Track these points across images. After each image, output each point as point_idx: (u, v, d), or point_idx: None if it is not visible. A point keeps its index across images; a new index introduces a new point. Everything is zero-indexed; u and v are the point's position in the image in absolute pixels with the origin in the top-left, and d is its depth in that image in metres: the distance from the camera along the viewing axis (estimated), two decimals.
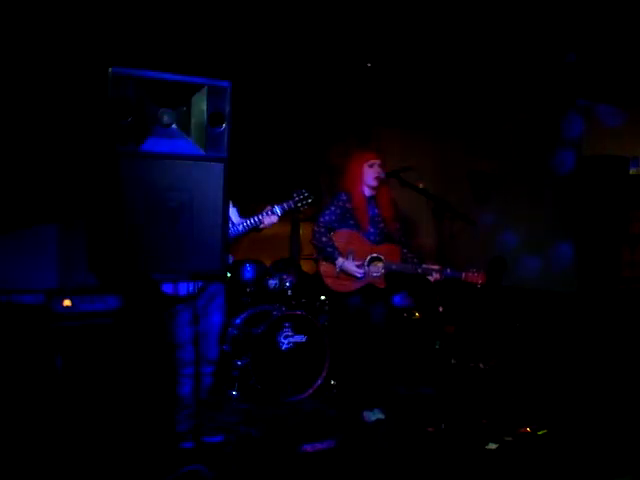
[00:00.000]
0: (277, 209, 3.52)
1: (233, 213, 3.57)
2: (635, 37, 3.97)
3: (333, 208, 3.95)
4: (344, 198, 3.94)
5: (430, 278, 3.80)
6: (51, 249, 5.17)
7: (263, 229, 3.56)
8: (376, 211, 3.98)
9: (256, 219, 3.48)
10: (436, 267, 3.78)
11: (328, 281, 3.91)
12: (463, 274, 3.79)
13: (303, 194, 3.63)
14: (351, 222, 3.94)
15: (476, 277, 3.78)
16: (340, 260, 3.85)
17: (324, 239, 3.87)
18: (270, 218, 3.50)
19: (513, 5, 3.58)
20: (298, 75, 4.84)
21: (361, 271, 3.84)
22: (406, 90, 5.29)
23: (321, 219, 3.91)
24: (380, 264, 3.88)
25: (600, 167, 5.15)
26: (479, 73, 4.83)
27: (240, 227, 3.48)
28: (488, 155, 6.17)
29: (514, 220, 5.89)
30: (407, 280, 4.26)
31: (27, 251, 5.07)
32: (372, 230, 3.95)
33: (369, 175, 3.92)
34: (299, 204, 3.61)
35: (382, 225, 3.97)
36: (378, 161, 3.92)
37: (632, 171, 5.26)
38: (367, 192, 3.97)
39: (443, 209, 3.68)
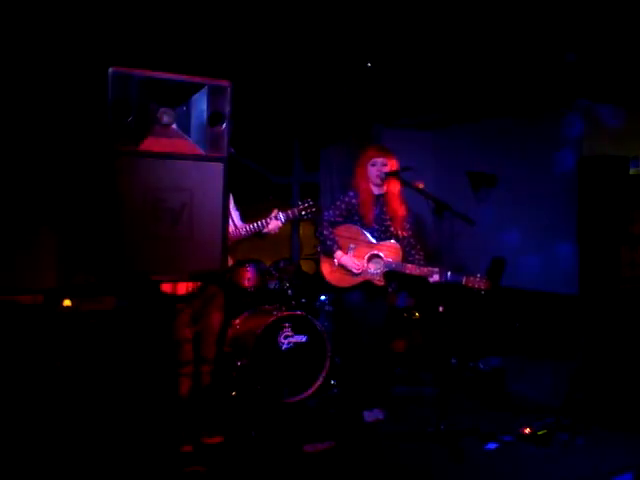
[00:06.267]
0: (281, 216, 3.55)
1: (235, 216, 3.59)
2: (635, 37, 3.98)
3: (339, 203, 4.01)
4: (351, 194, 3.99)
5: (430, 280, 3.77)
6: (51, 249, 5.17)
7: (266, 234, 3.57)
8: (383, 209, 3.98)
9: (259, 224, 3.51)
10: (436, 269, 3.74)
11: (327, 275, 3.96)
12: (464, 278, 3.65)
13: (308, 203, 3.68)
14: (356, 218, 3.97)
15: (479, 282, 3.62)
16: (339, 254, 3.88)
17: (325, 232, 3.93)
18: (273, 224, 3.52)
19: (513, 3, 3.59)
20: (299, 74, 4.85)
21: (358, 267, 3.85)
22: (405, 89, 5.29)
23: (325, 213, 3.97)
24: (380, 262, 3.88)
25: (600, 167, 5.14)
26: (479, 73, 4.83)
27: (242, 231, 3.50)
28: (488, 155, 6.17)
29: (514, 220, 5.88)
30: (407, 280, 4.26)
31: (27, 251, 5.06)
32: (376, 227, 3.96)
33: (372, 173, 3.93)
34: (303, 212, 3.65)
35: (388, 224, 3.97)
36: (381, 159, 3.91)
37: (632, 171, 5.26)
38: (375, 190, 3.97)
39: (443, 209, 3.67)
